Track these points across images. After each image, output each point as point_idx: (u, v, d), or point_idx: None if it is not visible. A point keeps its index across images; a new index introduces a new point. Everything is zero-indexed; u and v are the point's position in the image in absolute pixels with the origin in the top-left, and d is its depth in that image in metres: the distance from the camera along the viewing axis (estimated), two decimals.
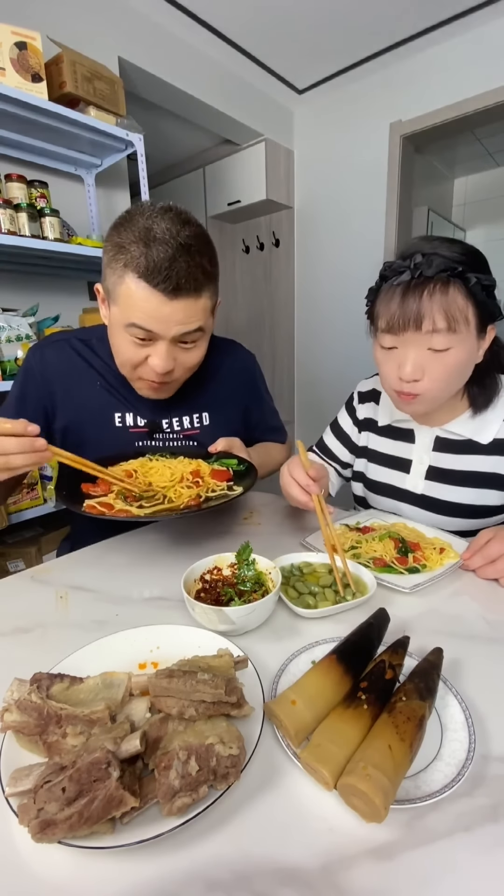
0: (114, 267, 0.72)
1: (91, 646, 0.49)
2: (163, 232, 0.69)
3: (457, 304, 0.68)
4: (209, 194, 3.21)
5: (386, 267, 0.74)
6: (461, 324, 0.69)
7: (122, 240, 0.70)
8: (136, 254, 0.69)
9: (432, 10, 2.14)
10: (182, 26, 2.21)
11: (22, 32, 1.45)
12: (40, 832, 0.30)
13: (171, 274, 0.69)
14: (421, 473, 0.88)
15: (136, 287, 0.70)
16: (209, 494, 0.74)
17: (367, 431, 1.00)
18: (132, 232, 0.70)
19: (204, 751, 0.35)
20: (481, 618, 0.58)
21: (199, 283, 0.73)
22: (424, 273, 0.68)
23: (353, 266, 2.95)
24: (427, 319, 0.69)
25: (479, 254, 0.73)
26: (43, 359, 0.90)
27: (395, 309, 0.71)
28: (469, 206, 3.93)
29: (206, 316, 0.78)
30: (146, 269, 0.68)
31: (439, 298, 0.68)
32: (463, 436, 0.83)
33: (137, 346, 0.76)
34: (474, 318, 0.70)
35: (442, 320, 0.68)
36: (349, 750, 0.36)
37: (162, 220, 0.70)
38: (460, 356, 0.72)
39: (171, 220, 0.70)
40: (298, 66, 2.57)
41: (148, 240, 0.68)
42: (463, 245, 0.72)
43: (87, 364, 0.91)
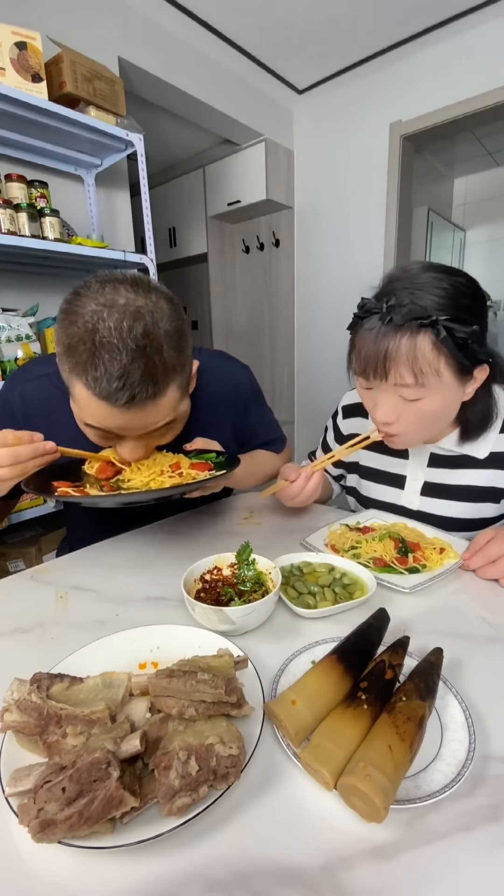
0: (63, 363, 0.62)
1: (91, 646, 0.49)
2: (110, 333, 0.57)
3: (425, 357, 0.64)
4: (209, 194, 3.21)
5: (360, 305, 0.71)
6: (430, 377, 0.65)
7: (69, 338, 0.59)
8: (82, 360, 0.58)
9: (432, 10, 2.14)
10: (182, 26, 2.21)
11: (22, 32, 1.45)
12: (40, 832, 0.30)
13: (122, 385, 0.58)
14: (416, 490, 0.87)
15: (87, 397, 0.61)
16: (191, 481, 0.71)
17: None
18: (77, 328, 0.59)
19: (204, 751, 0.35)
20: (481, 618, 0.58)
21: (160, 385, 0.62)
22: (394, 320, 0.64)
23: (353, 266, 2.95)
24: (393, 372, 0.66)
25: (471, 293, 0.68)
26: (23, 397, 0.84)
27: (364, 356, 0.68)
28: (469, 206, 3.93)
29: (173, 409, 0.68)
30: (93, 380, 0.58)
31: (406, 350, 0.64)
32: (458, 452, 0.81)
33: (102, 439, 0.70)
34: (449, 370, 0.66)
35: (409, 375, 0.65)
36: (349, 750, 0.36)
37: (110, 314, 0.58)
38: (434, 405, 0.69)
39: (121, 311, 0.58)
40: (298, 66, 2.57)
41: (94, 344, 0.57)
42: (453, 283, 0.66)
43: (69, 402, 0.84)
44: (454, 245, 3.76)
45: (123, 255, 1.80)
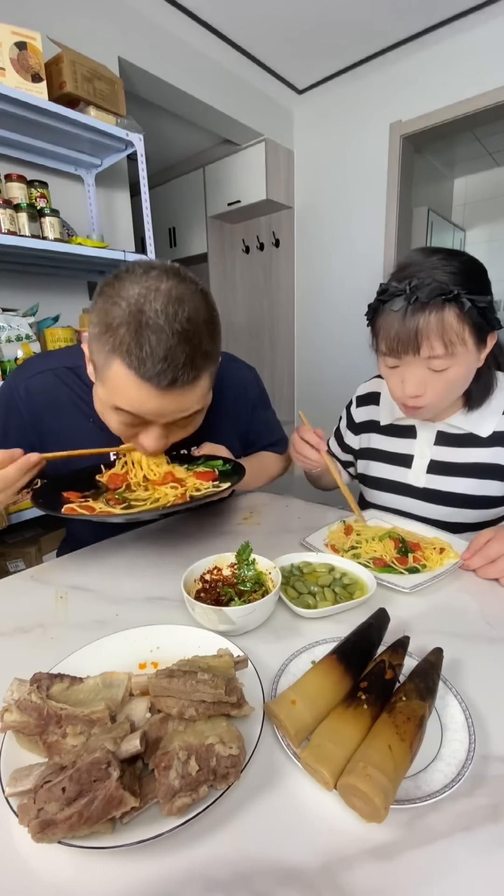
0: (101, 347, 0.62)
1: (91, 646, 0.49)
2: (157, 315, 0.58)
3: (453, 328, 0.69)
4: (209, 194, 3.21)
5: (382, 289, 0.75)
6: (458, 346, 0.71)
7: (110, 318, 0.60)
8: (125, 339, 0.59)
9: (432, 9, 2.14)
10: (182, 26, 2.21)
11: (22, 32, 1.45)
12: (40, 832, 0.30)
13: (166, 367, 0.59)
14: (423, 468, 0.90)
15: (125, 376, 0.61)
16: (194, 493, 0.73)
17: (368, 433, 1.01)
18: (120, 309, 0.59)
19: (204, 751, 0.35)
20: (481, 618, 0.58)
21: (199, 369, 0.63)
22: (420, 298, 0.69)
23: (353, 266, 2.95)
24: (425, 346, 0.71)
25: (477, 269, 0.74)
26: (28, 392, 0.83)
27: (393, 334, 0.73)
28: (469, 206, 3.93)
29: (203, 397, 0.70)
30: (137, 359, 0.59)
31: (435, 324, 0.69)
32: (464, 429, 0.85)
33: (126, 426, 0.70)
34: (472, 337, 0.72)
35: (440, 346, 0.70)
36: (349, 750, 0.36)
37: (157, 298, 0.59)
38: (460, 371, 0.74)
39: (167, 296, 0.59)
40: (298, 66, 2.57)
41: (139, 324, 0.58)
42: (461, 261, 0.72)
43: (77, 397, 0.84)
44: (454, 245, 3.75)
45: (123, 255, 1.80)
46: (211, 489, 0.73)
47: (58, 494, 0.73)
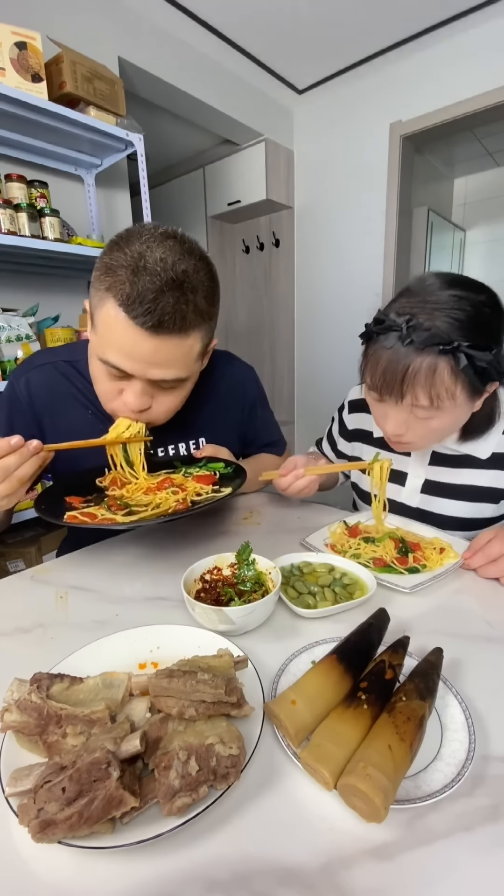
0: (97, 287, 0.65)
1: (91, 646, 0.49)
2: (155, 262, 0.61)
3: (443, 382, 0.64)
4: (209, 194, 3.21)
5: (378, 319, 0.69)
6: (446, 401, 0.65)
7: (112, 261, 0.63)
8: (122, 279, 0.61)
9: (432, 9, 2.14)
10: (182, 26, 2.21)
11: (22, 32, 1.45)
12: (40, 832, 0.30)
13: (154, 308, 0.61)
14: (417, 487, 0.87)
15: (116, 315, 0.63)
16: (195, 498, 0.73)
17: (359, 442, 0.99)
18: (124, 254, 0.62)
19: (204, 751, 0.35)
20: (481, 618, 0.58)
21: (188, 322, 0.65)
22: (414, 342, 0.63)
23: (353, 266, 2.95)
24: (409, 394, 0.66)
25: (489, 317, 0.65)
26: (29, 385, 0.84)
27: (379, 373, 0.67)
28: (469, 206, 3.93)
29: (190, 363, 0.70)
30: (128, 297, 0.61)
31: (424, 375, 0.63)
32: (460, 451, 0.82)
33: (112, 379, 0.71)
34: (464, 392, 0.66)
35: (425, 398, 0.65)
36: (349, 750, 0.36)
37: (158, 248, 0.62)
38: (445, 422, 0.70)
39: (169, 249, 0.63)
40: (298, 66, 2.57)
41: (137, 267, 0.61)
42: (474, 304, 0.64)
43: (75, 389, 0.85)
44: (454, 245, 3.75)
45: None
46: (211, 494, 0.74)
47: (60, 499, 0.73)
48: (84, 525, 0.64)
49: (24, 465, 0.62)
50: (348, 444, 1.03)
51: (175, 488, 0.75)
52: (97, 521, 0.65)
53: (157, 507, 0.70)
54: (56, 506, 0.71)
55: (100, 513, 0.68)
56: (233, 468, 0.84)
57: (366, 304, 0.77)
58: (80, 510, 0.69)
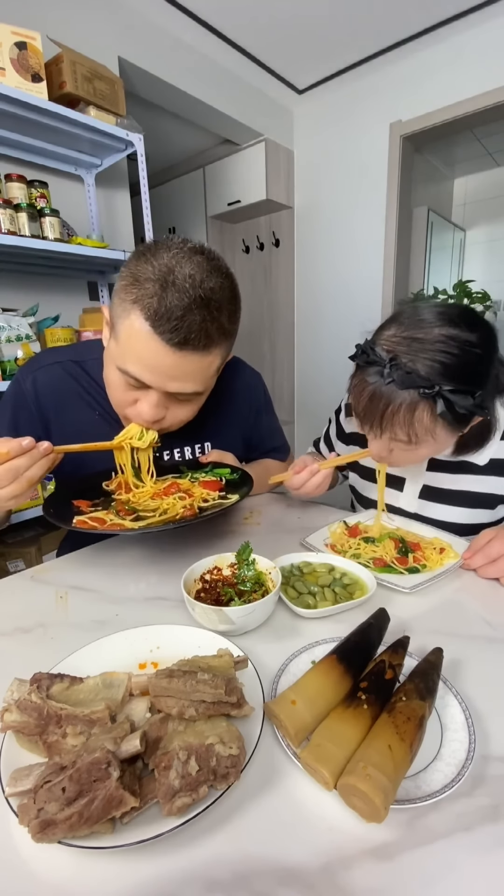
0: (123, 297, 0.64)
1: (91, 646, 0.49)
2: (184, 278, 0.62)
3: (422, 423, 0.64)
4: (209, 194, 3.21)
5: (360, 352, 0.68)
6: (423, 437, 0.65)
7: (139, 272, 0.63)
8: (150, 292, 0.61)
9: (432, 10, 2.14)
10: (182, 26, 2.21)
11: (22, 32, 1.45)
12: (40, 832, 0.30)
13: (181, 325, 0.62)
14: (415, 493, 0.87)
15: (140, 328, 0.63)
16: (202, 504, 0.73)
17: (355, 445, 0.99)
18: (152, 266, 0.62)
19: (204, 751, 0.34)
20: (481, 618, 0.58)
21: (211, 340, 0.66)
22: (395, 382, 0.62)
23: (353, 266, 2.95)
24: (387, 432, 0.66)
25: (478, 358, 0.63)
26: (35, 384, 0.83)
27: (361, 406, 0.67)
28: (469, 206, 3.93)
29: (207, 378, 0.71)
30: (155, 312, 0.61)
31: (402, 416, 0.63)
32: (457, 457, 0.81)
33: (129, 388, 0.71)
34: (444, 431, 0.66)
35: (403, 436, 0.65)
36: (349, 750, 0.36)
37: (187, 264, 0.63)
38: (426, 452, 0.70)
39: (198, 266, 0.63)
40: (298, 66, 2.57)
41: (166, 282, 0.61)
42: (462, 345, 0.62)
43: (83, 390, 0.85)
44: (454, 245, 3.76)
45: (123, 254, 1.80)
46: (218, 501, 0.75)
47: (67, 503, 0.74)
48: (93, 531, 0.64)
49: (34, 466, 0.62)
50: (345, 446, 1.03)
51: (182, 494, 0.75)
52: (106, 526, 0.66)
53: (165, 512, 0.71)
54: (64, 509, 0.71)
55: (108, 517, 0.68)
56: (239, 474, 0.84)
57: (365, 304, 0.77)
58: (89, 514, 0.69)
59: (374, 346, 0.66)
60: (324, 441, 1.11)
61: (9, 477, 0.60)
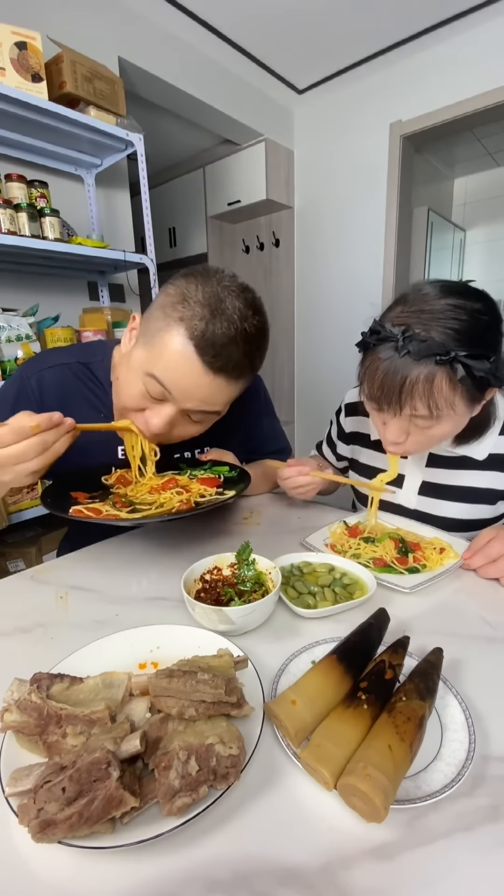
0: (168, 312, 0.66)
1: (91, 646, 0.49)
2: (233, 310, 0.65)
3: (442, 392, 0.63)
4: (209, 194, 3.21)
5: (373, 329, 0.68)
6: (444, 410, 0.64)
7: (190, 293, 0.65)
8: (198, 315, 0.64)
9: (432, 10, 2.14)
10: (182, 26, 2.21)
11: (22, 32, 1.45)
12: (40, 832, 0.30)
13: (223, 353, 0.65)
14: (414, 489, 0.87)
15: (182, 347, 0.65)
16: (199, 499, 0.73)
17: (357, 445, 0.99)
18: (203, 292, 0.65)
19: (204, 751, 0.34)
20: (481, 618, 0.58)
21: (243, 373, 0.70)
22: (411, 353, 0.62)
23: (353, 266, 2.95)
24: (407, 406, 0.65)
25: (487, 324, 0.64)
26: (41, 383, 0.83)
27: (377, 385, 0.66)
28: (469, 206, 3.93)
29: (227, 402, 0.75)
30: (202, 334, 0.64)
31: (422, 386, 0.62)
32: (457, 453, 0.82)
33: (143, 397, 0.72)
34: (463, 401, 0.65)
35: (424, 408, 0.64)
36: (349, 750, 0.36)
37: (237, 298, 0.66)
38: (445, 430, 0.69)
39: (245, 303, 0.67)
40: (298, 66, 2.57)
41: (216, 309, 0.64)
42: (471, 312, 0.63)
43: (90, 392, 0.85)
44: (454, 245, 3.76)
45: (123, 254, 1.80)
46: (215, 496, 0.74)
47: (66, 494, 0.74)
48: (88, 519, 0.64)
49: (60, 441, 0.63)
50: (347, 447, 1.03)
51: (179, 489, 0.75)
52: (102, 516, 0.66)
53: (161, 506, 0.71)
54: (62, 500, 0.71)
55: (104, 509, 0.68)
56: (237, 472, 0.84)
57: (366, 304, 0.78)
58: (86, 505, 0.69)
59: (384, 324, 0.67)
60: (326, 443, 1.11)
61: (38, 449, 0.60)
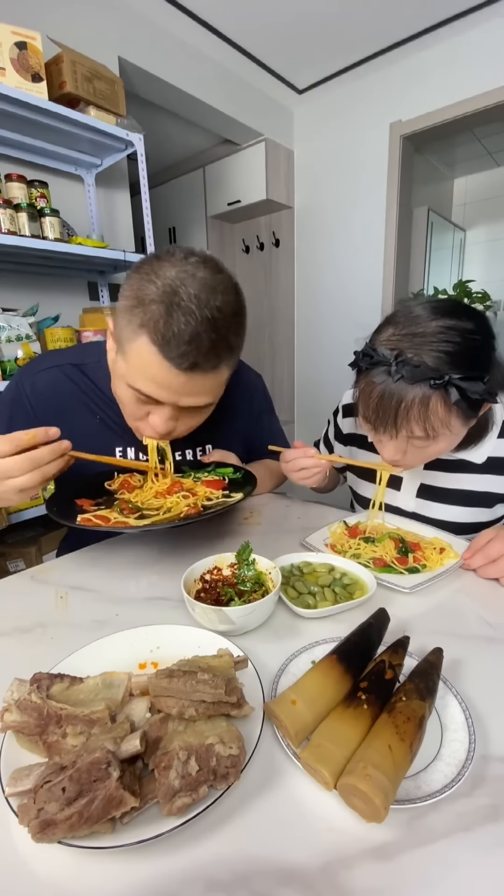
0: (129, 319, 0.63)
1: (91, 646, 0.49)
2: (189, 299, 0.60)
3: (437, 415, 0.63)
4: (209, 194, 3.21)
5: (367, 352, 0.67)
6: (441, 430, 0.65)
7: (143, 293, 0.61)
8: (155, 316, 0.60)
9: (432, 10, 2.14)
10: (182, 26, 2.21)
11: (22, 32, 1.45)
12: (40, 832, 0.30)
13: (190, 349, 0.61)
14: (412, 491, 0.87)
15: (149, 353, 0.62)
16: (206, 503, 0.74)
17: (354, 446, 0.99)
18: (155, 287, 0.60)
19: (204, 751, 0.34)
20: (481, 618, 0.58)
21: (220, 359, 0.66)
22: (404, 378, 0.62)
23: (353, 266, 2.95)
24: (404, 429, 0.65)
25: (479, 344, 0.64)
26: (35, 388, 0.83)
27: (371, 409, 0.66)
28: (469, 206, 3.93)
29: (219, 389, 0.72)
30: (163, 337, 0.60)
31: (417, 411, 0.63)
32: (455, 456, 0.82)
33: (140, 403, 0.71)
34: (459, 420, 0.65)
35: (420, 430, 0.64)
36: (349, 750, 0.36)
37: (192, 283, 0.61)
38: (442, 446, 0.70)
39: (202, 284, 0.61)
40: (298, 66, 2.57)
41: (171, 304, 0.60)
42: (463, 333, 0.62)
43: (83, 394, 0.85)
44: (454, 245, 3.76)
45: (123, 254, 1.80)
46: (222, 499, 0.75)
47: (70, 502, 0.74)
48: (98, 528, 0.64)
49: (52, 463, 0.62)
50: (344, 448, 1.03)
51: (185, 493, 0.75)
52: (111, 524, 0.66)
53: (168, 510, 0.71)
54: (67, 508, 0.71)
55: (112, 516, 0.68)
56: (242, 473, 0.84)
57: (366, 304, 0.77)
58: (93, 513, 0.69)
59: (376, 347, 0.66)
60: (323, 443, 1.11)
61: (27, 466, 0.59)
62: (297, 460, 0.84)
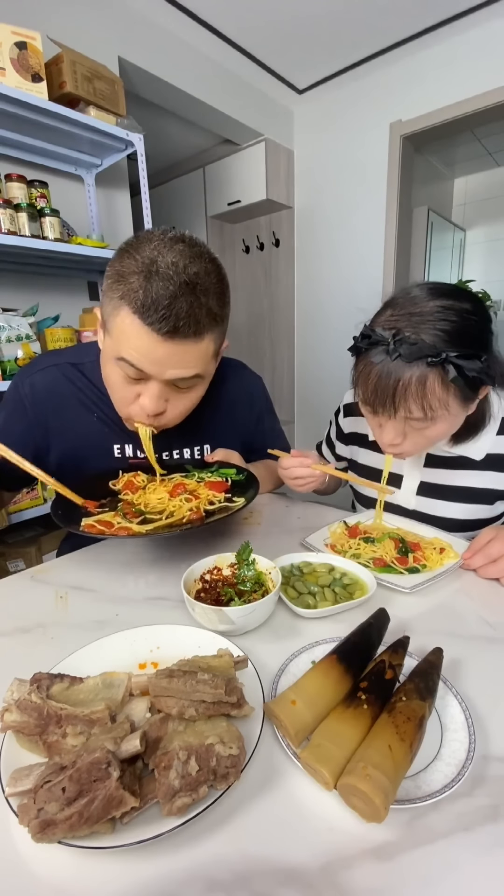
0: (110, 296, 0.65)
1: (91, 646, 0.49)
2: (167, 266, 0.62)
3: (435, 394, 0.63)
4: (209, 194, 3.21)
5: (364, 334, 0.68)
6: (438, 410, 0.65)
7: (123, 268, 0.64)
8: (135, 286, 0.62)
9: (432, 10, 2.14)
10: (182, 26, 2.21)
11: (22, 32, 1.45)
12: (40, 832, 0.30)
13: (169, 314, 0.62)
14: (412, 489, 0.87)
15: (130, 323, 0.63)
16: (208, 507, 0.74)
17: (355, 446, 0.99)
18: (134, 261, 0.63)
19: (204, 751, 0.35)
20: (481, 618, 0.58)
21: (202, 325, 0.66)
22: (402, 356, 0.62)
23: (353, 266, 2.95)
24: (402, 408, 0.65)
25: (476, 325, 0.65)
26: (33, 388, 0.84)
27: (370, 389, 0.67)
28: (469, 206, 3.93)
29: (205, 362, 0.72)
30: (142, 304, 0.62)
31: (415, 388, 0.63)
32: (454, 453, 0.82)
33: (129, 383, 0.71)
34: (457, 400, 0.66)
35: (418, 410, 0.65)
36: (349, 750, 0.36)
37: (169, 253, 0.63)
38: (441, 430, 0.70)
39: (180, 254, 0.63)
40: (298, 66, 2.57)
41: (149, 273, 0.62)
42: (460, 312, 0.63)
43: (80, 392, 0.85)
44: (454, 245, 3.76)
45: None
46: (225, 504, 0.75)
47: (75, 505, 0.74)
48: (101, 535, 0.65)
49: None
50: (346, 447, 1.03)
51: (188, 495, 0.75)
52: (114, 530, 0.66)
53: (171, 514, 0.71)
54: (71, 511, 0.72)
55: (116, 521, 0.69)
56: (245, 475, 0.84)
57: (366, 304, 0.77)
58: (96, 516, 0.69)
59: (374, 328, 0.67)
60: (325, 444, 1.11)
61: None
62: (293, 469, 0.85)
